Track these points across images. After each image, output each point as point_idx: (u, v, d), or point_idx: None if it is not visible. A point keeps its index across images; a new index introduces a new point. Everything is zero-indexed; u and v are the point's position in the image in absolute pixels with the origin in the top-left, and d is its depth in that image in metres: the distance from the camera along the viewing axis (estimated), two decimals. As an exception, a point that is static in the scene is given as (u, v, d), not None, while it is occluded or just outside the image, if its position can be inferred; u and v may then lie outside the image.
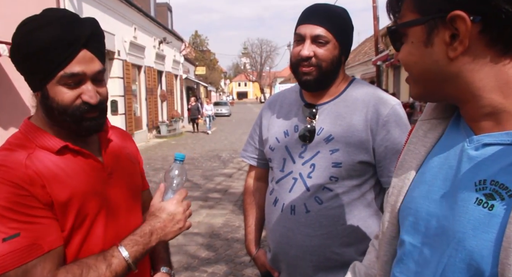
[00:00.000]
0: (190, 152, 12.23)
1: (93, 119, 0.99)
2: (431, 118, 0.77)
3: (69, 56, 0.92)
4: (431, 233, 0.66)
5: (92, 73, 0.96)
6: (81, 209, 0.97)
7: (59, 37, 0.91)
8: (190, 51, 33.00)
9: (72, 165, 0.99)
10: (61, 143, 0.98)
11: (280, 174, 1.39)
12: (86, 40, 0.94)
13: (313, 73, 1.29)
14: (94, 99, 0.96)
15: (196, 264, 3.94)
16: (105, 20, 11.43)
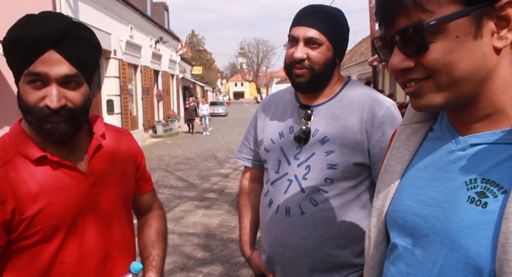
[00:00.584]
0: (187, 152, 12.21)
1: (55, 122, 0.92)
2: (412, 123, 0.76)
3: (33, 55, 0.89)
4: (421, 234, 0.66)
5: (56, 75, 0.90)
6: (51, 221, 0.95)
7: (25, 35, 0.88)
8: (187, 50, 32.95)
9: (49, 177, 0.96)
10: (40, 153, 0.95)
11: (275, 175, 1.38)
12: (54, 41, 0.89)
13: (306, 75, 1.28)
14: (54, 103, 0.90)
15: (191, 265, 3.93)
16: (101, 19, 11.39)
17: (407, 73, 0.64)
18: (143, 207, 1.29)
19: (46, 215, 0.94)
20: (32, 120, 0.93)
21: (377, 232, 0.77)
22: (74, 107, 0.94)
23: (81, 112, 0.97)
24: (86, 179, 1.01)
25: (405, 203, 0.70)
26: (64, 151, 0.99)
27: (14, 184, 0.91)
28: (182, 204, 6.18)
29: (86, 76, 0.97)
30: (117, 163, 1.11)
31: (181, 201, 6.32)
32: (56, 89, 0.90)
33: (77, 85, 0.94)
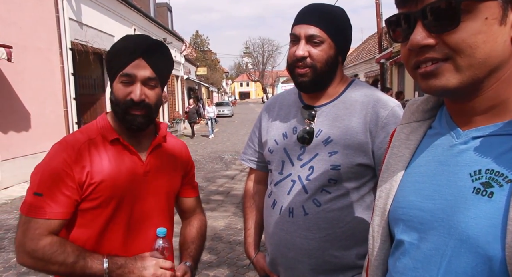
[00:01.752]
0: (192, 154, 12.05)
1: (135, 115, 1.19)
2: (411, 122, 0.78)
3: (128, 61, 1.18)
4: (427, 228, 0.66)
5: (141, 77, 1.18)
6: (109, 191, 1.19)
7: (124, 47, 1.20)
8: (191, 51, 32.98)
9: (117, 155, 1.23)
10: (115, 136, 1.23)
11: (278, 176, 1.38)
12: (142, 52, 1.18)
13: (308, 75, 1.28)
14: (137, 97, 1.17)
15: (198, 268, 3.85)
16: (104, 21, 11.38)
17: (425, 52, 0.63)
18: (187, 210, 1.49)
19: (106, 184, 1.18)
20: (118, 111, 1.20)
21: (381, 231, 0.78)
22: (150, 102, 1.20)
23: (155, 108, 1.23)
24: (143, 166, 1.26)
25: (408, 199, 0.71)
26: (133, 140, 1.26)
27: (92, 156, 1.19)
28: (188, 206, 6.10)
29: (161, 81, 1.24)
30: (169, 163, 1.35)
31: (187, 203, 6.25)
32: (140, 86, 1.18)
33: (154, 87, 1.21)
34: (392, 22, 0.68)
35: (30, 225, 1.11)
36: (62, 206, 1.14)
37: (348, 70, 23.80)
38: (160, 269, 1.17)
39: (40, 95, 8.22)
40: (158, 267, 1.17)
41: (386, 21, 0.69)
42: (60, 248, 1.11)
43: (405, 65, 0.69)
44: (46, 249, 1.10)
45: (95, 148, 1.20)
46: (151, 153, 1.29)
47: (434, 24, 0.61)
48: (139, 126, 1.21)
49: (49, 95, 8.58)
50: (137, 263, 1.16)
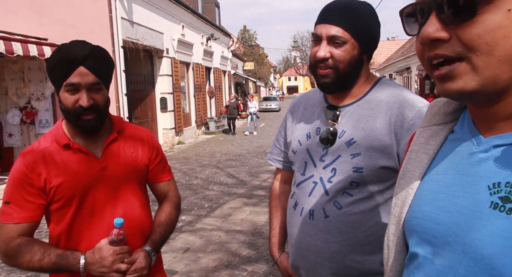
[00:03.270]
0: (238, 148, 12.30)
1: (87, 120, 1.27)
2: (432, 125, 0.73)
3: (69, 71, 1.24)
4: (441, 242, 0.61)
5: (85, 83, 1.25)
6: (68, 192, 1.29)
7: (63, 58, 1.25)
8: (239, 46, 33.25)
9: (70, 159, 1.31)
10: (66, 141, 1.31)
11: (301, 177, 1.35)
12: (82, 60, 1.24)
13: (331, 76, 1.24)
14: (86, 103, 1.24)
15: (236, 262, 3.90)
16: (154, 19, 11.76)
17: (436, 46, 0.57)
18: (159, 194, 1.55)
19: (65, 186, 1.29)
20: (70, 118, 1.28)
21: (396, 240, 0.74)
22: (99, 104, 1.28)
23: (104, 110, 1.31)
24: (99, 163, 1.33)
25: (423, 209, 0.66)
26: (88, 141, 1.34)
27: (47, 163, 1.29)
28: (231, 201, 6.21)
29: (105, 83, 1.31)
30: (129, 153, 1.40)
31: (229, 198, 6.36)
32: (86, 93, 1.25)
33: (99, 90, 1.29)
34: (406, 13, 0.62)
35: (2, 230, 1.27)
36: (27, 210, 1.27)
37: (400, 63, 22.86)
38: (118, 255, 1.25)
39: (94, 91, 8.68)
40: (116, 254, 1.25)
41: (399, 13, 0.64)
42: (27, 248, 1.25)
43: (420, 61, 0.63)
44: (15, 249, 1.25)
45: (50, 155, 1.30)
46: (106, 149, 1.35)
47: (448, 15, 0.55)
48: (93, 129, 1.30)
49: (103, 91, 9.03)
50: (95, 255, 1.25)
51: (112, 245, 1.26)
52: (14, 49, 5.87)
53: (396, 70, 24.85)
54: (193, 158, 10.62)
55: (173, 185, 1.58)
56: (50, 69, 1.28)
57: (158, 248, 1.42)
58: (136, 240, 1.37)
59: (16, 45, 5.91)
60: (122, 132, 1.41)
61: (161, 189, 1.53)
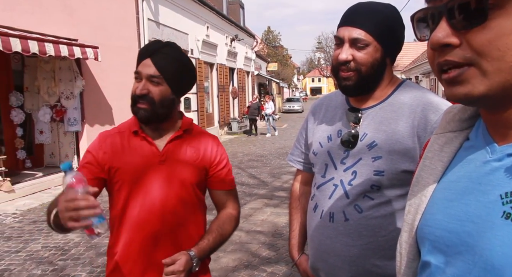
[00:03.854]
0: (260, 149, 12.33)
1: (139, 108, 1.33)
2: (446, 132, 0.71)
3: (139, 61, 1.36)
4: (453, 252, 0.60)
5: (145, 74, 1.32)
6: (125, 175, 1.36)
7: (140, 51, 1.39)
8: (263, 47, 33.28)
9: (137, 145, 1.39)
10: (136, 128, 1.40)
11: (321, 179, 1.35)
12: (150, 53, 1.33)
13: (353, 78, 1.23)
14: (138, 90, 1.32)
15: (256, 263, 3.92)
16: (179, 20, 11.93)
17: (446, 52, 0.56)
18: (216, 202, 1.53)
19: (123, 170, 1.36)
20: (131, 104, 1.35)
21: (408, 248, 0.73)
22: (153, 97, 1.32)
23: (158, 104, 1.33)
24: (159, 155, 1.38)
25: (435, 218, 0.65)
26: (155, 134, 1.41)
27: (114, 144, 1.39)
28: (252, 201, 6.23)
29: (167, 78, 1.33)
30: (189, 155, 1.42)
31: (251, 199, 6.38)
32: (144, 82, 1.32)
33: (158, 84, 1.33)
34: (417, 18, 0.61)
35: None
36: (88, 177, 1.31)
37: (427, 64, 22.31)
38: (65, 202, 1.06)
39: (120, 90, 8.87)
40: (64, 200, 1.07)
41: (411, 18, 0.63)
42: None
43: (431, 67, 0.62)
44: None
45: (120, 139, 1.40)
46: (169, 144, 1.40)
47: (458, 20, 0.54)
48: (142, 118, 1.34)
49: (128, 91, 9.14)
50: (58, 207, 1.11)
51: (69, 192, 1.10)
52: (47, 49, 6.09)
53: (423, 72, 24.32)
54: (215, 158, 10.70)
55: (233, 197, 1.54)
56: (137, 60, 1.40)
57: (203, 255, 1.36)
58: (180, 239, 1.37)
59: (48, 45, 6.12)
60: (189, 132, 1.45)
61: (219, 197, 1.51)
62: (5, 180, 6.29)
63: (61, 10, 7.27)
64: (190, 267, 1.28)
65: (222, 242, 1.45)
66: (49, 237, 4.72)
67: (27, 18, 6.50)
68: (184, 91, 1.44)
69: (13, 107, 7.27)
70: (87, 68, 7.85)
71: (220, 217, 1.49)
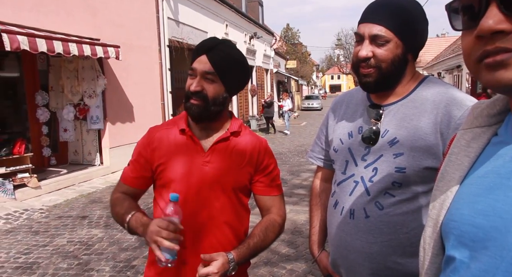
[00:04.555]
0: (279, 147, 12.32)
1: (191, 104, 1.31)
2: (474, 127, 0.70)
3: (194, 57, 1.34)
4: (479, 247, 0.59)
5: (200, 70, 1.30)
6: (169, 172, 1.35)
7: (196, 46, 1.36)
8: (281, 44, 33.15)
9: (182, 143, 1.38)
10: (183, 126, 1.39)
11: (341, 176, 1.35)
12: (206, 49, 1.31)
13: (373, 75, 1.23)
14: (192, 87, 1.30)
15: (275, 260, 3.93)
16: (198, 19, 12.02)
17: (497, 39, 0.54)
18: (261, 207, 1.49)
19: (168, 167, 1.36)
20: (184, 100, 1.34)
21: (432, 243, 0.72)
22: (207, 94, 1.30)
23: (212, 101, 1.32)
24: (204, 155, 1.36)
25: (461, 213, 0.64)
26: (202, 134, 1.39)
27: (162, 141, 1.39)
28: (271, 198, 6.21)
29: (221, 76, 1.31)
30: (235, 158, 1.39)
31: (269, 195, 6.36)
32: (198, 79, 1.30)
33: (213, 81, 1.31)
34: (453, 7, 0.60)
35: (117, 184, 1.50)
36: (134, 177, 1.43)
37: (450, 60, 21.85)
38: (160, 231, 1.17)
39: (141, 89, 9.03)
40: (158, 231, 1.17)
41: (446, 7, 0.61)
42: (120, 202, 1.41)
43: (465, 58, 0.60)
44: (114, 200, 1.44)
45: (167, 136, 1.40)
46: (214, 145, 1.37)
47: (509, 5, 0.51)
48: (194, 115, 1.33)
49: (149, 89, 9.37)
50: (149, 228, 1.21)
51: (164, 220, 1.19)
52: (71, 49, 6.23)
53: (446, 68, 23.78)
54: (235, 156, 10.75)
55: (279, 203, 1.48)
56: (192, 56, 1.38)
57: (241, 259, 1.29)
58: (218, 243, 1.34)
59: (72, 45, 6.27)
60: (237, 135, 1.41)
61: (264, 203, 1.46)
62: (32, 176, 6.49)
63: (84, 10, 7.43)
64: (226, 270, 1.23)
65: (263, 248, 1.39)
66: (74, 232, 4.86)
67: (52, 19, 6.67)
68: (238, 90, 1.40)
69: (39, 106, 7.48)
70: (109, 67, 8.00)
71: (264, 222, 1.43)
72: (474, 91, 15.66)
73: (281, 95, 20.95)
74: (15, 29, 5.45)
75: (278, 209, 1.47)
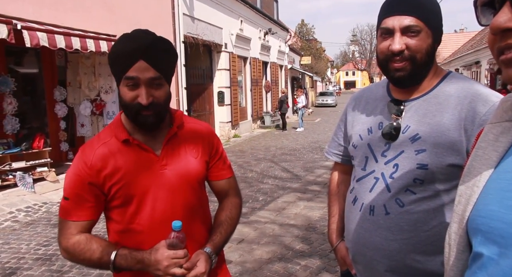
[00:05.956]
0: (293, 143, 12.28)
1: (146, 116, 1.19)
2: (503, 121, 0.69)
3: (129, 64, 1.16)
4: (509, 243, 0.58)
5: (145, 78, 1.16)
6: (129, 189, 1.23)
7: (123, 50, 1.17)
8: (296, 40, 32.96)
9: (131, 154, 1.24)
10: (126, 136, 1.25)
11: (361, 172, 1.33)
12: (141, 53, 1.15)
13: (407, 68, 1.19)
14: (145, 100, 1.17)
15: (290, 256, 3.94)
16: (213, 14, 12.03)
17: (509, 37, 0.56)
18: (219, 192, 1.45)
19: (125, 183, 1.22)
20: (129, 114, 1.22)
21: (458, 239, 0.71)
22: (159, 102, 1.20)
23: (164, 106, 1.24)
24: (159, 160, 1.26)
25: (489, 208, 0.63)
26: (147, 137, 1.27)
27: (106, 159, 1.23)
28: (285, 195, 6.24)
29: (167, 78, 1.23)
30: (188, 150, 1.32)
31: (284, 192, 6.39)
32: (145, 89, 1.17)
33: (160, 85, 1.20)
34: (481, 2, 0.61)
35: (63, 226, 1.24)
36: (85, 209, 1.23)
37: (468, 56, 21.43)
38: (172, 260, 1.17)
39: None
40: (170, 258, 1.17)
41: (474, 2, 0.63)
42: (87, 246, 1.20)
43: (492, 53, 0.61)
44: (76, 247, 1.21)
45: (109, 151, 1.24)
46: (166, 145, 1.28)
47: None
48: (152, 126, 1.23)
49: (164, 85, 9.44)
50: (152, 257, 1.18)
51: (169, 249, 1.19)
52: (88, 45, 6.32)
53: (464, 64, 23.32)
54: (249, 152, 10.78)
55: (234, 183, 1.48)
56: (111, 61, 1.21)
57: (219, 249, 1.32)
58: (196, 241, 1.31)
59: (89, 42, 6.35)
60: (182, 127, 1.33)
61: (221, 187, 1.44)
62: (50, 170, 6.63)
63: (101, 7, 7.51)
64: (211, 265, 1.25)
65: (232, 232, 1.40)
66: (91, 225, 4.94)
67: (70, 15, 6.77)
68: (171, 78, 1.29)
69: (57, 101, 7.62)
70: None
71: (226, 206, 1.43)
72: (493, 88, 15.33)
73: (296, 91, 20.94)
74: (35, 26, 5.55)
75: (234, 189, 1.46)
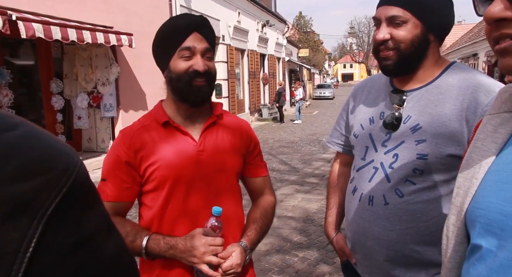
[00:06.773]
0: (291, 136, 12.29)
1: (200, 86, 1.21)
2: (502, 112, 0.68)
3: (184, 36, 1.21)
4: (508, 235, 0.58)
5: (201, 48, 1.22)
6: (164, 172, 1.22)
7: (177, 25, 1.23)
8: (294, 33, 32.83)
9: (170, 137, 1.25)
10: (165, 119, 1.26)
11: (361, 162, 1.33)
12: (196, 26, 1.22)
13: (392, 57, 1.21)
14: (202, 67, 1.20)
15: (287, 248, 3.96)
16: (211, 6, 11.94)
17: (502, 26, 0.56)
18: (254, 190, 1.44)
19: (161, 165, 1.22)
20: (181, 85, 1.22)
21: (456, 231, 0.71)
22: (212, 72, 1.25)
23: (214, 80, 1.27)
24: (196, 145, 1.26)
25: (488, 200, 0.62)
26: (186, 122, 1.28)
27: (144, 140, 1.24)
28: (283, 187, 6.25)
29: (214, 53, 1.27)
30: (226, 141, 1.31)
31: (282, 185, 6.41)
32: (200, 58, 1.22)
33: (211, 59, 1.26)
34: None
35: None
36: (121, 189, 1.23)
37: (466, 49, 21.40)
38: (209, 247, 1.16)
39: (153, 77, 9.01)
40: (208, 245, 1.16)
41: None
42: (121, 228, 1.16)
43: (489, 43, 0.61)
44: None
45: (148, 133, 1.25)
46: (204, 132, 1.28)
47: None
48: (205, 96, 1.24)
49: (162, 77, 9.26)
50: (187, 243, 1.16)
51: (206, 235, 1.17)
52: (84, 37, 6.26)
53: (461, 56, 23.30)
54: (246, 144, 10.77)
55: (269, 182, 1.47)
56: (164, 35, 1.23)
57: (254, 245, 1.30)
58: (230, 233, 1.28)
59: (86, 33, 6.30)
60: (221, 117, 1.33)
61: (257, 184, 1.42)
62: (47, 163, 6.60)
63: (97, -2, 7.43)
64: (245, 258, 1.23)
65: (266, 232, 1.38)
66: (89, 217, 4.95)
67: (66, 6, 6.69)
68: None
69: (53, 94, 7.56)
70: (122, 55, 8.02)
71: (262, 204, 1.41)
72: (490, 81, 15.32)
73: (294, 84, 20.86)
74: (30, 17, 5.49)
75: (270, 189, 1.46)
